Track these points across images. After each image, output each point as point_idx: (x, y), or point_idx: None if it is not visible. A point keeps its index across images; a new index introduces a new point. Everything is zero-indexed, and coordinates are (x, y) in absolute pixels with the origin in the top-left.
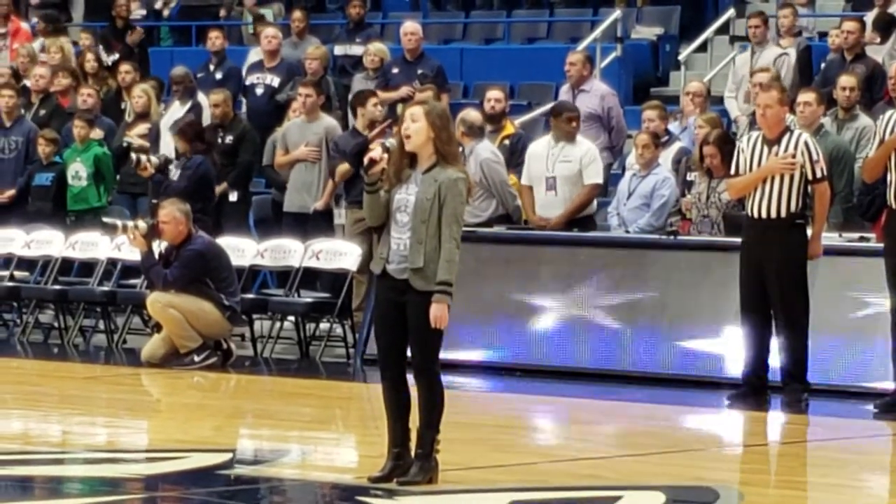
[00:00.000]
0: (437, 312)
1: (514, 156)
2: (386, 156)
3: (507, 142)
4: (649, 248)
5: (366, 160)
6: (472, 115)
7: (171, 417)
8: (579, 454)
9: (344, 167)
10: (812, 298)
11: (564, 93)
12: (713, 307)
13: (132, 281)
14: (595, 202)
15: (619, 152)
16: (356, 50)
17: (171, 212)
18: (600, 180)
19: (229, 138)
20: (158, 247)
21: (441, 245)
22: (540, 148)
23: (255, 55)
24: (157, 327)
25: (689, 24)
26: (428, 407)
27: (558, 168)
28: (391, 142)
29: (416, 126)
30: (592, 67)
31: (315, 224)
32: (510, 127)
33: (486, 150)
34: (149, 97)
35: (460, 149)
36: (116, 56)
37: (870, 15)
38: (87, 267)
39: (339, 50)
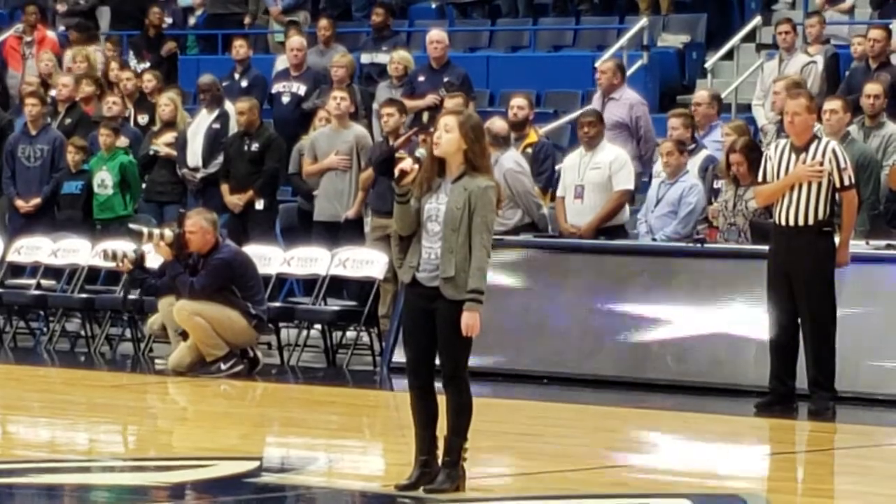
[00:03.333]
0: (469, 321)
1: (537, 164)
2: (417, 166)
3: (529, 150)
4: (676, 256)
5: (397, 171)
6: (497, 124)
7: (197, 425)
8: (606, 462)
9: (365, 174)
10: (839, 306)
11: (595, 100)
12: (740, 315)
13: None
14: (627, 211)
15: (648, 161)
16: (382, 58)
17: (198, 221)
18: (630, 186)
19: (255, 146)
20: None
21: (472, 253)
22: (573, 158)
23: (281, 63)
24: (184, 335)
25: (715, 31)
26: (456, 415)
27: (588, 175)
28: (421, 152)
29: (448, 137)
30: (624, 75)
31: (346, 233)
32: (534, 135)
33: (509, 161)
34: (175, 105)
35: None
36: (147, 64)
37: (895, 23)
38: (113, 275)
39: (365, 58)
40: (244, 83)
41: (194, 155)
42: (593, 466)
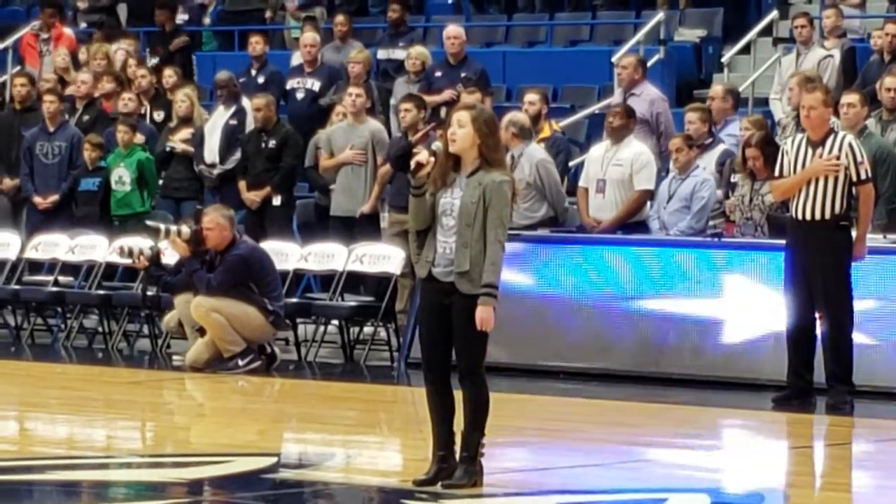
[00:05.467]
0: (483, 315)
1: None
2: (433, 159)
3: (542, 144)
4: (693, 250)
5: (413, 163)
6: (520, 116)
7: (215, 422)
8: (623, 457)
9: (383, 169)
10: (856, 300)
11: (616, 96)
12: (757, 309)
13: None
14: (648, 206)
15: (668, 157)
16: (399, 54)
17: (215, 218)
18: (650, 186)
19: (272, 143)
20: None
21: (486, 248)
22: (598, 150)
23: (296, 59)
24: (201, 331)
25: (732, 25)
26: (473, 410)
27: (610, 171)
28: (437, 145)
29: (462, 132)
30: (645, 71)
31: (362, 228)
32: (547, 129)
33: (539, 152)
34: (191, 101)
35: (508, 152)
36: (156, 60)
37: None
38: (131, 272)
39: (381, 54)
40: (261, 79)
41: (211, 151)
42: (610, 462)
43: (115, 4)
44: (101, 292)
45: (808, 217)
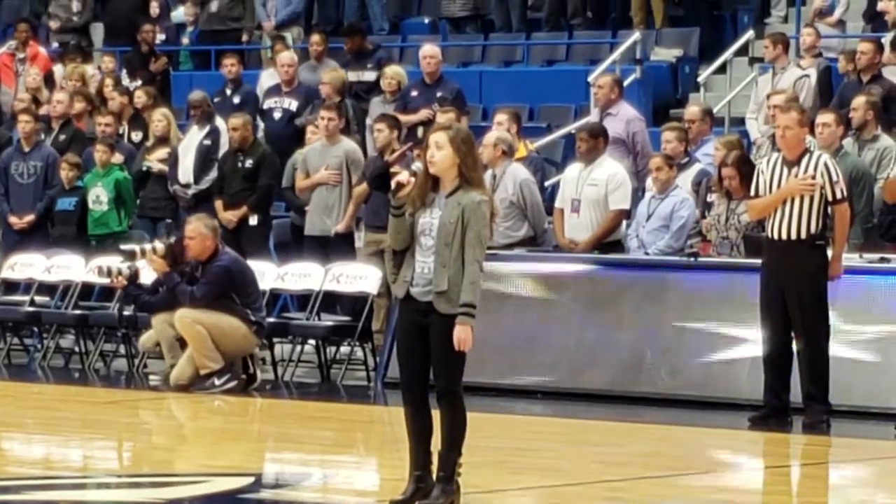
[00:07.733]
0: (461, 335)
1: None
2: (413, 179)
3: (520, 164)
4: (669, 270)
5: (393, 184)
6: (506, 134)
7: (192, 442)
8: (600, 476)
9: (359, 189)
10: (832, 319)
11: (593, 116)
12: (733, 328)
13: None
14: (624, 226)
15: (645, 177)
16: (368, 76)
17: (198, 227)
18: (626, 206)
19: (249, 162)
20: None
21: (464, 267)
22: (573, 171)
23: (268, 78)
24: (181, 342)
25: (708, 45)
26: (450, 430)
27: (585, 191)
28: (417, 165)
29: (441, 154)
30: (621, 90)
31: (336, 247)
32: (522, 149)
33: (523, 171)
34: (169, 121)
35: (488, 170)
36: (139, 82)
37: (888, 36)
38: (107, 292)
39: (352, 76)
40: (236, 99)
41: (185, 171)
42: (587, 481)
43: (88, 24)
44: (78, 312)
45: (783, 236)
